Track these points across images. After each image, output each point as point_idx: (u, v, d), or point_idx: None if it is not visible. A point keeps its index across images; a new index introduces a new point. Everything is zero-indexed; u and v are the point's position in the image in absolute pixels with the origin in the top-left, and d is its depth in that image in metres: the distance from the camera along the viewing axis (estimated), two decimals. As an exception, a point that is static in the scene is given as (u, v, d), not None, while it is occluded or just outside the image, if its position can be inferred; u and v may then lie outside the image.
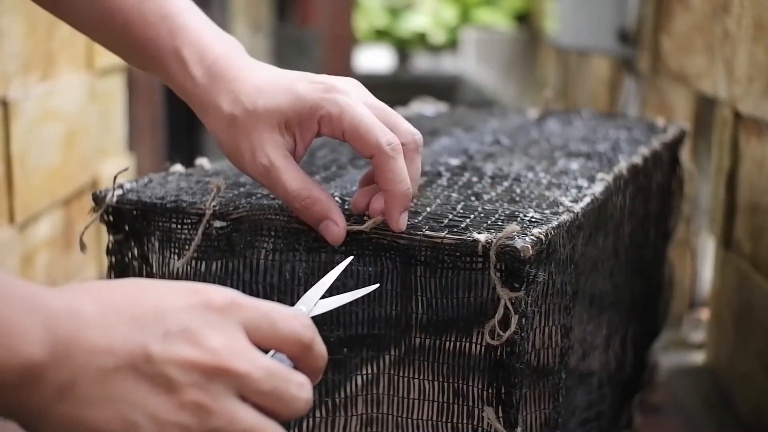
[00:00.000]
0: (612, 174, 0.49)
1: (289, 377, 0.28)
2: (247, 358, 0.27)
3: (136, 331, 0.26)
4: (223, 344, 0.27)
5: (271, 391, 0.27)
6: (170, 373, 0.26)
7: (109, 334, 0.26)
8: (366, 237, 0.37)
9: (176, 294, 0.28)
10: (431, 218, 0.38)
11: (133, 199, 0.42)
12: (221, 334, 0.27)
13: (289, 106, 0.37)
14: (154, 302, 0.27)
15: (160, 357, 0.26)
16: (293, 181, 0.37)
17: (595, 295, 0.48)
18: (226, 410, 0.27)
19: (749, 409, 0.68)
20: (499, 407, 0.35)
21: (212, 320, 0.27)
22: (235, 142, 0.38)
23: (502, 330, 0.34)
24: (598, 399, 0.51)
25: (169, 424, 0.26)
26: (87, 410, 0.26)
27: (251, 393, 0.27)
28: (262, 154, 0.37)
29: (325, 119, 0.37)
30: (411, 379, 0.38)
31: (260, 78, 0.39)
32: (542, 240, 0.35)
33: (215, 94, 0.38)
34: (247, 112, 0.37)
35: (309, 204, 0.37)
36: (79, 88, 0.92)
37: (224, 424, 0.27)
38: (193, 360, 0.26)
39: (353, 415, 0.40)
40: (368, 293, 0.33)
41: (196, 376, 0.26)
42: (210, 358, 0.26)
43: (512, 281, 0.34)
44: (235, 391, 0.27)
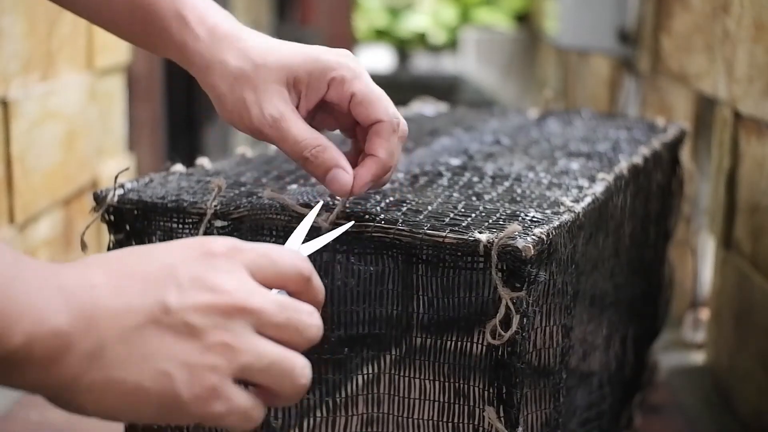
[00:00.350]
0: (613, 174, 0.49)
1: (299, 307, 0.29)
2: (258, 294, 0.28)
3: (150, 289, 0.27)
4: (235, 285, 0.28)
5: (285, 323, 0.28)
6: (191, 319, 0.27)
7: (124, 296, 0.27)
8: (368, 236, 0.37)
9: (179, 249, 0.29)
10: (432, 217, 0.38)
11: (134, 199, 0.42)
12: (230, 277, 0.28)
13: (301, 64, 0.38)
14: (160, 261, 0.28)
15: (178, 307, 0.27)
16: (304, 131, 0.38)
17: (595, 295, 0.48)
18: (251, 345, 0.28)
19: (749, 409, 0.68)
20: (501, 407, 0.35)
21: (219, 265, 0.28)
22: (240, 96, 0.38)
23: (503, 330, 0.34)
24: (598, 399, 0.51)
25: (200, 368, 0.27)
26: (119, 371, 0.27)
27: (268, 327, 0.28)
28: (271, 105, 0.38)
29: (336, 81, 0.38)
30: (412, 379, 0.38)
31: (266, 41, 0.40)
32: (544, 240, 0.35)
33: (220, 51, 0.39)
34: (256, 66, 0.38)
35: (320, 152, 0.38)
36: (79, 88, 0.92)
37: (252, 359, 0.28)
38: (210, 303, 0.27)
39: (354, 415, 0.40)
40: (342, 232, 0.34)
41: (216, 318, 0.27)
42: (226, 299, 0.27)
43: (513, 281, 0.34)
44: (252, 327, 0.28)
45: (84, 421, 0.73)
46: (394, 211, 0.39)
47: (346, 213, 0.39)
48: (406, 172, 0.49)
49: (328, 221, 0.37)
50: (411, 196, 0.42)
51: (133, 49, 1.13)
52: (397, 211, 0.39)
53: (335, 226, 0.36)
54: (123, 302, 0.27)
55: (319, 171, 0.38)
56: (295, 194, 0.42)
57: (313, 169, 0.38)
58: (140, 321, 0.27)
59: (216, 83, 0.39)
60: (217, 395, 0.27)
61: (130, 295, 0.27)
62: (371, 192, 0.43)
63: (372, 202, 0.41)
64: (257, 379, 0.28)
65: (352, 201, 0.41)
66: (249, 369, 0.28)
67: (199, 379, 0.27)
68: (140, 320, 0.27)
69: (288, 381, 0.28)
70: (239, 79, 0.38)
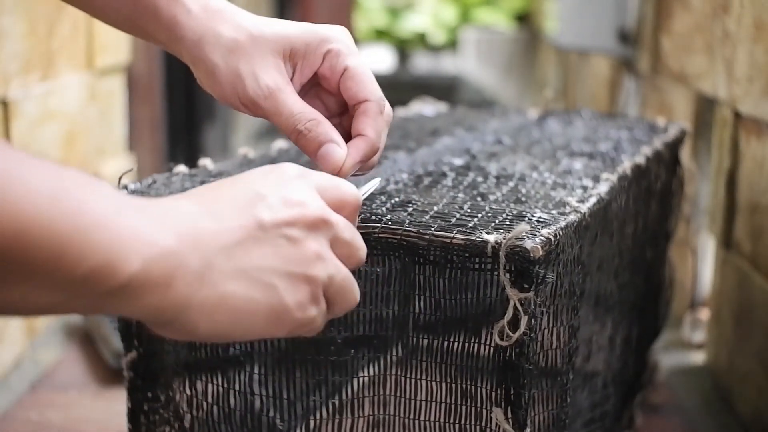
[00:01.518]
0: (616, 174, 0.49)
1: (354, 229, 0.32)
2: (331, 211, 0.31)
3: (242, 210, 0.29)
4: (314, 202, 0.30)
5: (350, 240, 0.31)
6: (286, 232, 0.29)
7: (219, 218, 0.28)
8: (375, 237, 0.37)
9: (259, 175, 0.31)
10: (438, 217, 0.38)
11: (137, 200, 0.42)
12: (308, 195, 0.30)
13: (298, 35, 0.38)
14: (244, 185, 0.30)
15: (271, 222, 0.29)
16: (299, 103, 0.38)
17: (600, 295, 0.48)
18: (333, 258, 0.30)
19: (749, 409, 0.68)
20: (508, 408, 0.35)
21: (297, 185, 0.30)
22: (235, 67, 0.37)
23: (511, 331, 0.34)
24: (602, 399, 0.51)
25: (300, 277, 0.29)
26: (227, 285, 0.28)
27: (339, 242, 0.31)
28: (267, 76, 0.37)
29: (332, 53, 0.38)
30: (418, 381, 0.38)
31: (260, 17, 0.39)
32: (551, 241, 0.35)
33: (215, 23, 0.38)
34: (252, 37, 0.38)
35: (314, 125, 0.38)
36: (79, 88, 0.92)
37: (335, 271, 0.30)
38: (299, 217, 0.29)
39: (360, 417, 0.40)
40: None
41: (306, 230, 0.30)
42: (311, 212, 0.30)
43: (521, 282, 0.34)
44: (329, 241, 0.30)
45: (84, 422, 0.73)
46: (400, 211, 0.39)
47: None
48: (410, 172, 0.49)
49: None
50: (416, 197, 0.42)
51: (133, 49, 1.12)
52: (403, 212, 0.39)
53: None
54: (218, 224, 0.28)
55: (312, 145, 0.38)
56: None
57: (306, 143, 0.38)
58: (239, 238, 0.28)
59: (208, 54, 0.38)
60: (315, 300, 0.29)
61: (225, 217, 0.28)
62: (376, 192, 0.43)
63: (378, 202, 0.41)
64: (330, 290, 0.30)
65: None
66: (330, 280, 0.30)
67: (301, 285, 0.29)
68: (239, 237, 0.28)
69: (349, 296, 0.31)
70: (234, 50, 0.37)
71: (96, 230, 0.25)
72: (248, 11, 0.40)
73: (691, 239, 0.90)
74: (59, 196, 0.24)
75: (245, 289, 0.28)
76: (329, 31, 0.39)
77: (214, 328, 0.28)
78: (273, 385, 0.41)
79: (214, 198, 0.29)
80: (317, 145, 0.38)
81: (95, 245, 0.24)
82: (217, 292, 0.27)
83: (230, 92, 0.38)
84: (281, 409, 0.42)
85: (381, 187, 0.38)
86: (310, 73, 0.39)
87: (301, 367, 0.40)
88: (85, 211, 0.25)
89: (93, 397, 0.71)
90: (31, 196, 0.23)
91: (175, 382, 0.42)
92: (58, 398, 0.71)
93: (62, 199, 0.24)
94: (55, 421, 0.67)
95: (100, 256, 0.24)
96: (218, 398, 0.41)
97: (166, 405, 0.42)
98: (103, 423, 0.66)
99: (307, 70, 0.39)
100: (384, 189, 0.44)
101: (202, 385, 0.42)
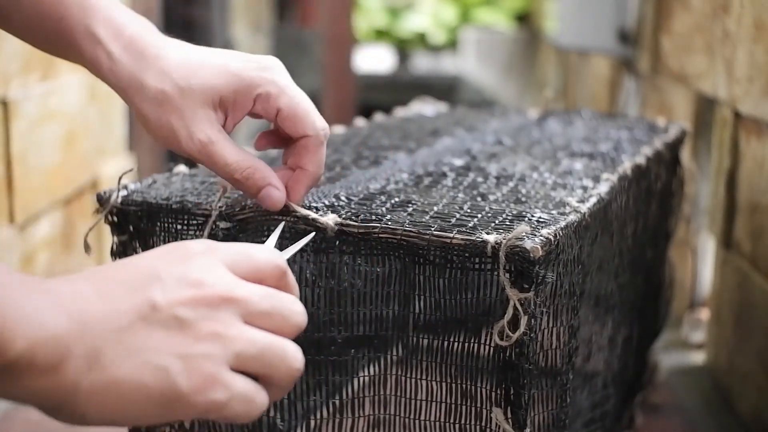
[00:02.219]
0: (617, 174, 0.49)
1: (281, 295, 0.30)
2: (241, 285, 0.29)
3: (136, 290, 0.28)
4: (217, 279, 0.29)
5: (270, 309, 0.29)
6: (179, 313, 0.28)
7: (112, 300, 0.27)
8: (375, 237, 0.37)
9: (159, 254, 0.30)
10: (438, 217, 0.38)
11: (137, 200, 0.42)
12: (212, 272, 0.29)
13: (224, 84, 0.38)
14: (141, 265, 0.29)
15: (165, 303, 0.28)
16: (233, 154, 0.38)
17: (600, 295, 0.48)
18: (241, 333, 0.28)
19: (749, 409, 0.68)
20: (508, 408, 0.35)
21: (200, 263, 0.29)
22: (167, 121, 0.37)
23: (511, 331, 0.34)
24: (602, 399, 0.51)
25: (195, 357, 0.27)
26: (117, 370, 0.27)
27: (254, 315, 0.29)
28: (199, 130, 0.37)
29: (262, 97, 0.38)
30: (419, 380, 0.38)
31: (187, 55, 0.38)
32: (551, 241, 0.35)
33: (139, 72, 0.37)
34: (180, 89, 0.37)
35: (251, 173, 0.38)
36: (79, 88, 0.92)
37: (244, 345, 0.28)
38: (196, 296, 0.28)
39: (360, 416, 0.40)
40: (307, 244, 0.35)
41: (203, 310, 0.28)
42: (211, 291, 0.28)
43: (521, 282, 0.34)
44: (240, 317, 0.29)
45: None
46: (400, 211, 0.39)
47: (352, 213, 0.39)
48: (410, 172, 0.49)
49: (334, 223, 0.37)
50: (416, 197, 0.42)
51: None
52: (403, 212, 0.39)
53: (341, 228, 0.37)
54: (110, 306, 0.27)
55: (252, 191, 0.38)
56: None
57: (246, 189, 0.39)
58: (130, 320, 0.27)
59: (138, 104, 0.38)
60: (215, 382, 0.27)
61: (117, 299, 0.27)
62: (376, 193, 0.43)
63: (377, 202, 0.41)
64: (251, 366, 0.28)
65: (357, 202, 0.41)
66: (242, 355, 0.28)
67: (195, 367, 0.27)
68: (130, 319, 0.27)
69: (282, 365, 0.29)
70: (163, 103, 0.37)
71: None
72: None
73: (691, 239, 0.90)
74: None
75: (135, 373, 0.27)
76: (255, 74, 0.38)
77: (102, 413, 0.27)
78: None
79: (109, 277, 0.28)
80: (256, 190, 0.38)
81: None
82: (105, 376, 0.27)
83: (164, 141, 0.38)
84: (281, 409, 0.42)
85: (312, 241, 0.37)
86: (242, 114, 0.39)
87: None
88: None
89: (93, 397, 0.71)
90: None
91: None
92: (59, 398, 0.71)
93: None
94: (55, 421, 0.67)
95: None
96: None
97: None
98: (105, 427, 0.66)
99: (239, 113, 0.39)
100: (384, 189, 0.44)
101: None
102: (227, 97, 0.38)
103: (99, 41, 0.37)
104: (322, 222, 0.37)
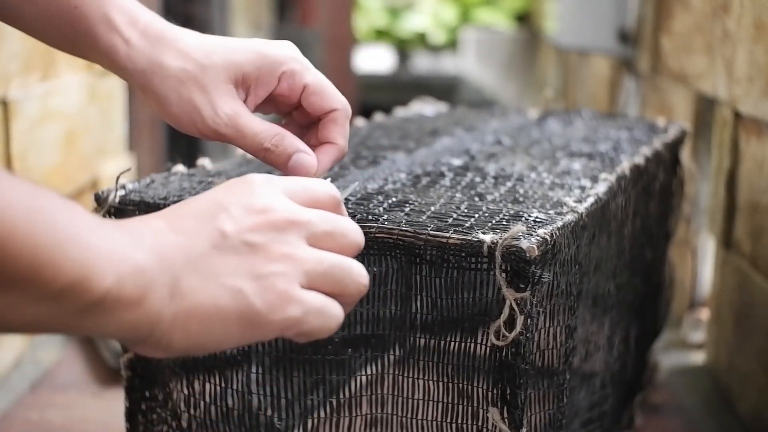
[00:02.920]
0: (615, 174, 0.49)
1: (339, 218, 0.32)
2: (302, 209, 0.31)
3: (205, 222, 0.29)
4: (281, 205, 0.30)
5: (332, 230, 0.31)
6: (248, 238, 0.29)
7: (184, 232, 0.29)
8: (372, 237, 0.37)
9: (222, 187, 0.31)
10: (435, 217, 0.38)
11: (135, 200, 0.42)
12: (275, 200, 0.30)
13: (248, 60, 0.38)
14: (209, 199, 0.30)
15: (233, 231, 0.29)
16: (259, 123, 0.38)
17: (598, 295, 0.48)
18: (309, 253, 0.30)
19: (749, 409, 0.68)
20: (504, 408, 0.35)
21: (262, 192, 0.30)
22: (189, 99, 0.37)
23: (507, 330, 0.34)
24: (600, 399, 0.51)
25: (268, 276, 0.29)
26: (196, 296, 0.28)
27: (318, 237, 0.30)
28: (224, 103, 0.37)
29: (287, 75, 0.38)
30: (416, 380, 0.38)
31: (204, 38, 0.39)
32: (547, 241, 0.35)
33: (158, 54, 0.37)
34: (201, 66, 0.37)
35: (279, 140, 0.38)
36: (79, 88, 0.92)
37: (313, 264, 0.30)
38: (263, 222, 0.29)
39: (358, 416, 0.40)
40: None
41: (272, 234, 0.29)
42: (277, 216, 0.30)
43: (517, 282, 0.34)
44: (305, 239, 0.30)
45: (84, 422, 0.73)
46: (397, 211, 0.39)
47: (350, 212, 0.39)
48: (408, 172, 0.49)
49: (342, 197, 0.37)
50: (414, 197, 0.42)
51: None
52: (400, 212, 0.39)
53: None
54: (183, 238, 0.28)
55: (281, 159, 0.38)
56: None
57: (275, 158, 0.38)
58: (203, 249, 0.28)
59: (157, 86, 0.37)
60: (289, 299, 0.29)
61: (188, 230, 0.29)
62: (373, 193, 0.43)
63: (375, 202, 0.41)
64: (321, 283, 0.30)
65: (354, 202, 0.41)
66: (312, 273, 0.29)
67: (268, 287, 0.28)
68: (203, 248, 0.28)
69: (350, 280, 0.30)
70: (184, 81, 0.37)
71: (71, 245, 0.25)
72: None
73: (691, 239, 0.90)
74: (36, 211, 0.25)
75: (213, 297, 0.28)
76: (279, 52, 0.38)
77: (188, 339, 0.28)
78: (271, 385, 0.41)
79: (178, 214, 0.30)
80: (287, 158, 0.38)
81: (70, 260, 0.25)
82: (186, 303, 0.28)
83: (187, 122, 0.38)
84: (279, 409, 0.42)
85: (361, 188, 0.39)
86: (265, 94, 0.39)
87: (300, 367, 0.40)
88: (60, 227, 0.25)
89: (93, 397, 0.71)
90: (9, 209, 0.24)
91: (173, 381, 0.42)
92: (58, 398, 0.71)
93: (39, 214, 0.25)
94: (55, 421, 0.67)
95: (75, 271, 0.25)
96: (216, 397, 0.41)
97: (163, 404, 0.42)
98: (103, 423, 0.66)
99: (262, 92, 0.39)
100: (382, 189, 0.44)
101: (200, 385, 0.42)
102: (250, 74, 0.38)
103: (115, 27, 0.38)
104: None
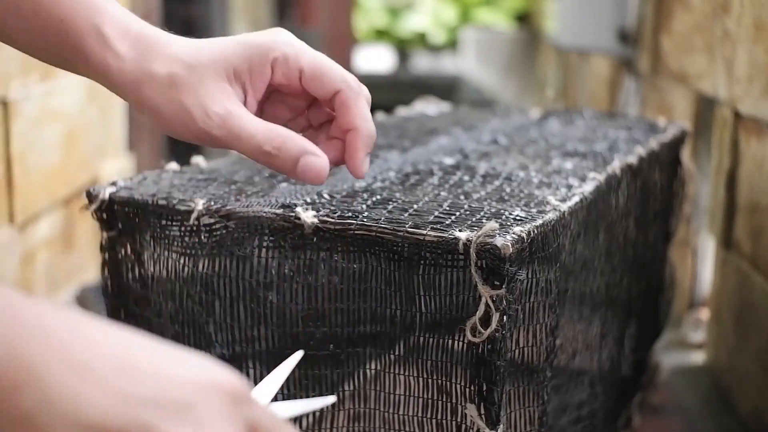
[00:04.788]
0: (604, 173, 0.49)
1: None
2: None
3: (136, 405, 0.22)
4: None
5: None
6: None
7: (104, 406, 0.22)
8: (351, 234, 0.37)
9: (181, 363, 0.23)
10: (416, 215, 0.38)
11: (125, 197, 0.42)
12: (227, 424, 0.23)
13: (236, 53, 0.35)
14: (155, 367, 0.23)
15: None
16: (257, 124, 0.34)
17: (585, 293, 0.48)
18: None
19: (749, 409, 0.68)
20: (482, 404, 0.35)
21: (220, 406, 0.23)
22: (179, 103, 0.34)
23: (483, 327, 0.33)
24: (589, 398, 0.51)
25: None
26: None
27: None
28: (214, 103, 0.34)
29: (279, 61, 0.35)
30: (397, 375, 0.38)
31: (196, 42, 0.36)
32: (523, 238, 0.34)
33: (147, 62, 0.35)
34: (188, 67, 0.34)
35: (281, 143, 0.34)
36: (79, 88, 0.93)
37: None
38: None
39: (341, 410, 0.40)
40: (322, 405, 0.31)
41: None
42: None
43: (493, 279, 0.34)
44: None
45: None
46: (380, 209, 0.39)
47: (332, 210, 0.39)
48: (398, 171, 0.49)
49: (311, 219, 0.37)
50: (399, 195, 0.42)
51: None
52: (383, 209, 0.39)
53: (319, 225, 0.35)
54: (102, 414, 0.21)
55: (287, 164, 0.34)
56: (284, 194, 0.42)
57: (280, 164, 0.34)
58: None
59: (148, 96, 0.35)
60: None
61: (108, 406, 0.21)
62: (359, 190, 0.43)
63: (359, 200, 0.41)
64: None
65: (339, 199, 0.41)
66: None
67: None
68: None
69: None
70: (173, 85, 0.34)
71: None
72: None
73: (691, 239, 0.90)
74: None
75: None
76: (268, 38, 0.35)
77: None
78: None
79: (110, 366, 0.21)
80: (292, 162, 0.34)
81: None
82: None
83: (180, 128, 0.35)
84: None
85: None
86: (263, 87, 0.35)
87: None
88: None
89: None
90: None
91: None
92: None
93: None
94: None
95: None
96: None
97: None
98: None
99: (260, 85, 0.35)
100: (369, 187, 0.44)
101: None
102: (240, 67, 0.34)
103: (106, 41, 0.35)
104: (302, 219, 0.37)
